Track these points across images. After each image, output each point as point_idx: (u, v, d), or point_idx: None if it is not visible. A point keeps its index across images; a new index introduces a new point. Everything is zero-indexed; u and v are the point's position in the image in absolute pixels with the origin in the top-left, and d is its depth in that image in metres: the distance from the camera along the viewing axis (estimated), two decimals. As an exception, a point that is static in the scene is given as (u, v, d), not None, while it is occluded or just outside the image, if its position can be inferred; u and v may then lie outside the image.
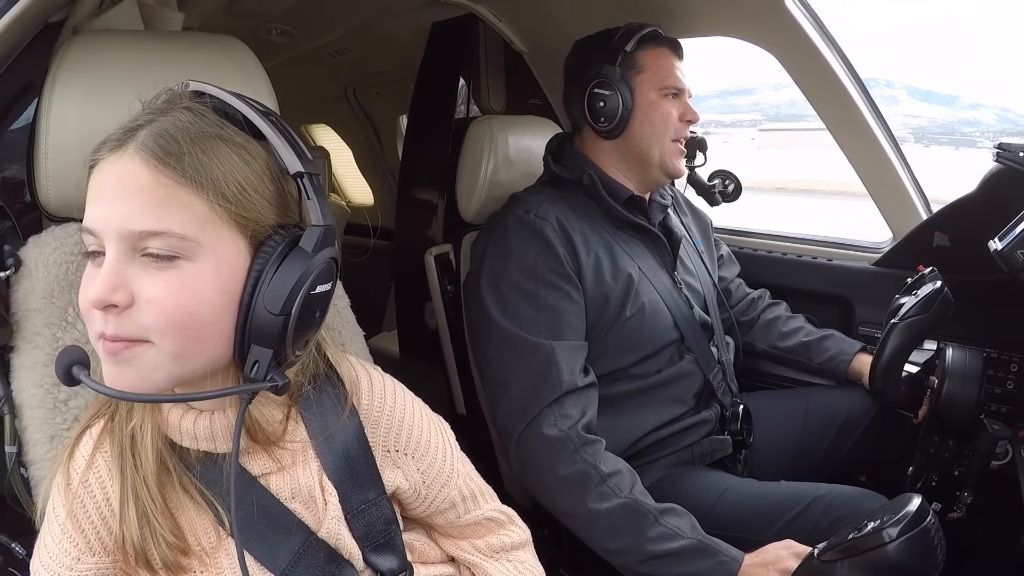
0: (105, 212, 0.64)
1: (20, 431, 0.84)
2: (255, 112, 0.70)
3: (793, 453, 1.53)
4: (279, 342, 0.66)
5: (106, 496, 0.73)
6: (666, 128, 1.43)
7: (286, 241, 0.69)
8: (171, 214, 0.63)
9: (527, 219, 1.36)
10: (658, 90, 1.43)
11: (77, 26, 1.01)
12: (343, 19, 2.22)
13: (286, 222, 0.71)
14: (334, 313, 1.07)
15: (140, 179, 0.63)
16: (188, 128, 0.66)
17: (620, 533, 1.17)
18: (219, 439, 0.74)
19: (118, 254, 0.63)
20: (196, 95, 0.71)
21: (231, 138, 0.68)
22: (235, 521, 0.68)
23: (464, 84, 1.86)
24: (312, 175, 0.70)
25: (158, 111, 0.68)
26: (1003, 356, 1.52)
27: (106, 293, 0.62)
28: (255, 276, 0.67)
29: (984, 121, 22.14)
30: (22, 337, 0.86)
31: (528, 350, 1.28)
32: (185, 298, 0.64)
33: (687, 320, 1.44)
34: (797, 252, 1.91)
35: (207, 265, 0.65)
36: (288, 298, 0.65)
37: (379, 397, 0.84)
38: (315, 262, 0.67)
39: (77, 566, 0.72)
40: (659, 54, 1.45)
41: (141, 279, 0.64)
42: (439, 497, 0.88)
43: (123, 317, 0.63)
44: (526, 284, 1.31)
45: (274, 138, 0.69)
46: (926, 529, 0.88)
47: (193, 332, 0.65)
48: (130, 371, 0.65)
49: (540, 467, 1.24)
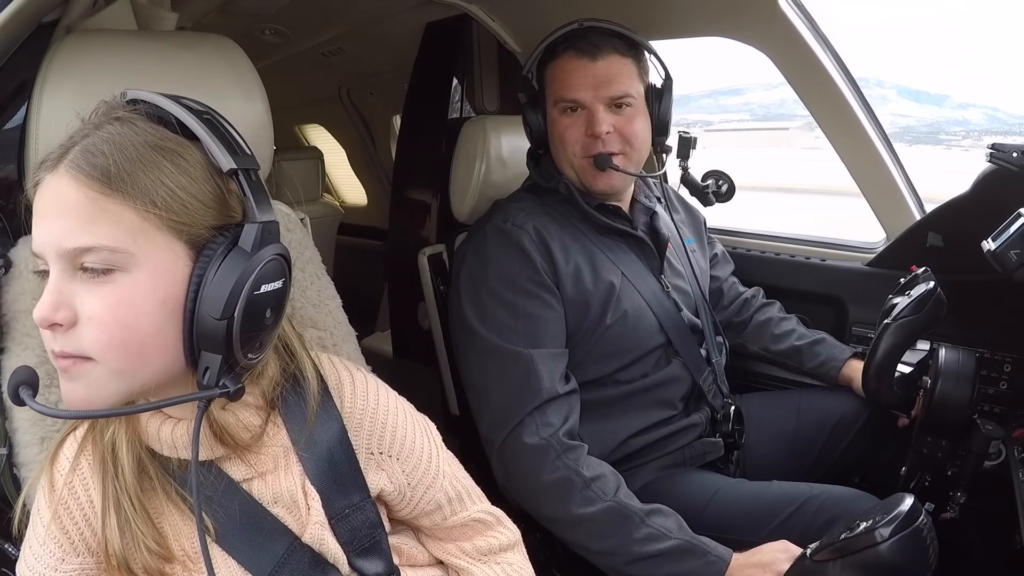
0: (44, 233, 0.65)
1: (11, 433, 0.85)
2: (188, 113, 0.69)
3: (786, 454, 1.53)
4: (225, 347, 0.65)
5: (90, 498, 0.73)
6: (564, 146, 1.39)
7: (227, 242, 0.67)
8: (101, 228, 0.63)
9: (504, 228, 1.36)
10: (555, 107, 1.39)
11: (71, 26, 1.00)
12: (337, 19, 2.22)
13: (228, 222, 0.69)
14: (326, 313, 1.07)
15: (70, 197, 0.63)
16: (116, 140, 0.65)
17: (606, 536, 1.16)
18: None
19: (59, 272, 0.64)
20: (131, 103, 0.71)
21: (162, 143, 0.67)
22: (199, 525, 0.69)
23: (458, 84, 1.86)
24: (248, 171, 0.69)
25: (92, 126, 0.68)
26: (996, 356, 1.53)
27: (49, 312, 0.63)
28: (196, 281, 0.66)
29: (973, 121, 22.23)
30: (12, 339, 0.86)
31: (508, 359, 1.27)
32: (122, 311, 0.64)
33: (675, 324, 1.43)
34: (790, 252, 1.91)
35: (143, 275, 0.64)
36: (228, 300, 0.64)
37: (362, 399, 0.84)
38: (255, 261, 0.66)
39: (62, 567, 0.73)
40: (557, 66, 1.39)
41: (82, 296, 0.64)
42: (424, 499, 0.88)
43: (68, 335, 0.64)
44: (504, 293, 1.31)
45: (205, 137, 0.68)
46: (918, 529, 0.88)
47: (135, 346, 0.65)
48: (79, 387, 0.65)
49: (523, 475, 1.24)
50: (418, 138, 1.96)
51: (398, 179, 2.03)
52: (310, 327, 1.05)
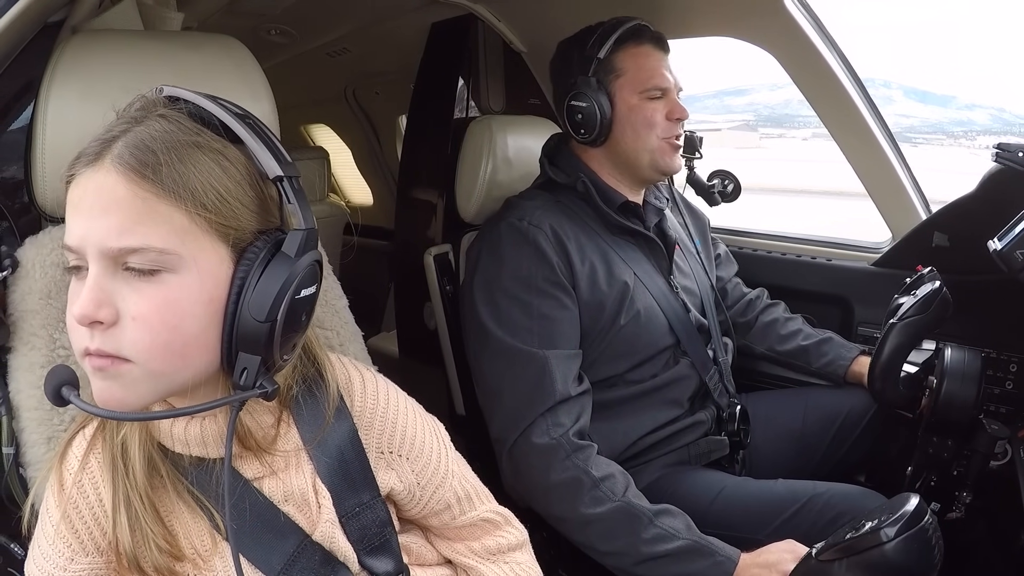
0: (84, 228, 0.63)
1: (17, 432, 0.85)
2: (231, 116, 0.69)
3: (792, 453, 1.52)
4: (266, 348, 0.66)
5: (99, 497, 0.73)
6: (650, 130, 1.40)
7: (268, 246, 0.68)
8: (150, 229, 0.62)
9: (520, 227, 1.35)
10: (639, 93, 1.40)
11: (76, 26, 1.01)
12: (342, 19, 2.22)
13: (267, 227, 0.70)
14: (332, 313, 1.07)
15: (118, 193, 0.62)
16: (164, 137, 0.65)
17: (615, 536, 1.16)
18: (210, 445, 0.74)
19: (101, 270, 0.63)
20: (170, 100, 0.70)
21: (208, 144, 0.67)
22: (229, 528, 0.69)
23: (463, 84, 1.86)
24: (292, 178, 0.69)
25: (132, 120, 0.67)
26: (1002, 356, 1.52)
27: (91, 309, 0.61)
28: (239, 284, 0.66)
29: (978, 122, 22.14)
30: (19, 338, 0.86)
31: (522, 359, 1.27)
32: (169, 314, 0.63)
33: (683, 324, 1.43)
34: (796, 252, 1.91)
35: (190, 277, 0.64)
36: (273, 304, 0.65)
37: (372, 398, 0.84)
38: (299, 267, 0.67)
39: (71, 567, 0.72)
40: (639, 53, 1.41)
41: (125, 294, 0.63)
42: (434, 498, 0.88)
43: (108, 334, 0.63)
44: (520, 293, 1.31)
45: (251, 142, 0.68)
46: (924, 529, 0.88)
47: (178, 347, 0.65)
48: (116, 387, 0.65)
49: (533, 475, 1.24)
50: (424, 138, 1.96)
51: (404, 179, 2.03)
52: (316, 327, 1.04)
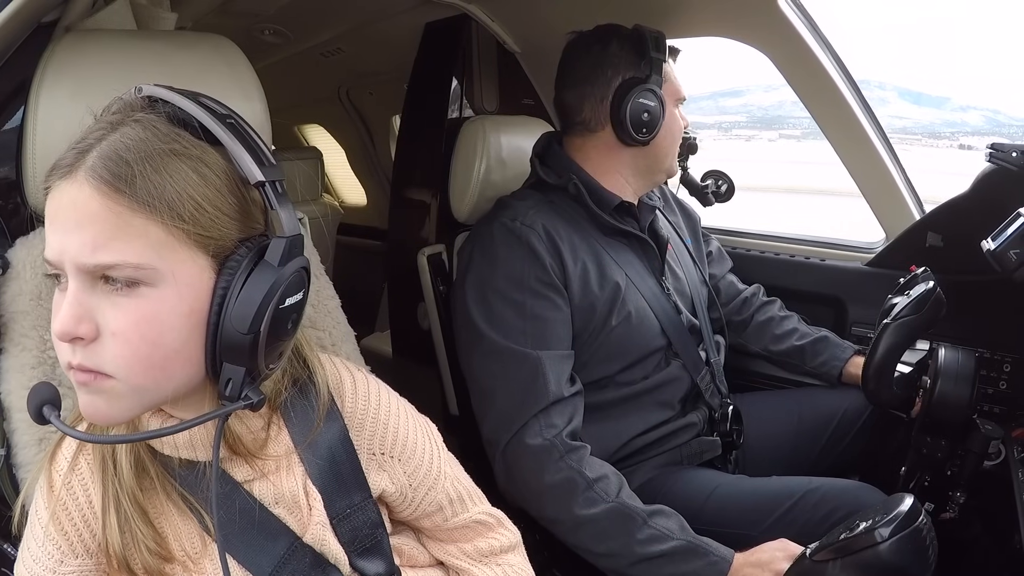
0: (61, 243, 0.61)
1: (8, 434, 0.84)
2: (212, 117, 0.66)
3: (787, 453, 1.53)
4: (251, 359, 0.64)
5: (89, 499, 0.72)
6: (678, 139, 1.46)
7: (251, 255, 0.66)
8: (125, 244, 0.61)
9: (513, 227, 1.34)
10: (675, 100, 1.44)
11: (70, 26, 1.00)
12: (336, 19, 2.22)
13: (250, 233, 0.68)
14: (325, 313, 1.07)
15: (91, 208, 0.60)
16: (138, 146, 0.62)
17: (609, 537, 1.16)
18: (199, 448, 0.73)
19: (80, 284, 0.61)
20: (150, 101, 0.68)
21: (185, 151, 0.64)
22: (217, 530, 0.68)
23: (457, 84, 1.86)
24: (275, 182, 0.66)
25: (108, 126, 0.64)
26: (996, 356, 1.53)
27: (71, 326, 0.60)
28: (220, 295, 0.64)
29: (971, 123, 22.28)
30: (9, 339, 0.86)
31: (515, 360, 1.27)
32: (148, 328, 0.62)
33: (674, 325, 1.43)
34: (790, 252, 1.91)
35: (168, 290, 0.62)
36: (256, 315, 0.63)
37: (363, 399, 0.83)
38: (283, 275, 0.65)
39: (60, 569, 0.72)
40: (672, 65, 1.47)
41: (104, 309, 0.61)
42: (426, 500, 0.88)
43: (89, 349, 0.62)
44: (512, 293, 1.30)
45: (232, 145, 0.65)
46: (918, 529, 0.89)
47: (159, 361, 0.63)
48: (101, 401, 0.64)
49: (526, 476, 1.23)
50: (417, 138, 1.95)
51: (397, 179, 2.02)
52: (308, 327, 1.04)
